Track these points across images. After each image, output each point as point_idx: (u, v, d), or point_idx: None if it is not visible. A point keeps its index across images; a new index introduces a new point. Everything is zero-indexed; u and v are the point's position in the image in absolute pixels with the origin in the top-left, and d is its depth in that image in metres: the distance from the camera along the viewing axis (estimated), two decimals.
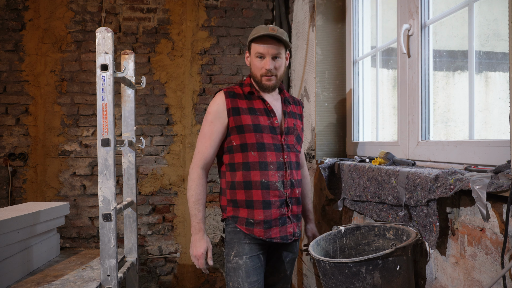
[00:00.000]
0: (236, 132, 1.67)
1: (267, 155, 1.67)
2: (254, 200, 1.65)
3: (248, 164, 1.66)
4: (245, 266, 1.64)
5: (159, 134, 3.22)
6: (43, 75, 3.08)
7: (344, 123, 2.46)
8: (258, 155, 1.66)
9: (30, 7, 3.06)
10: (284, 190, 1.69)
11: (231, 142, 1.69)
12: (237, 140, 1.67)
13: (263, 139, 1.67)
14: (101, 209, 1.56)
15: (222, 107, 1.69)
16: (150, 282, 3.21)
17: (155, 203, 3.22)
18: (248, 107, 1.70)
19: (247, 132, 1.66)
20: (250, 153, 1.66)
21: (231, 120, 1.67)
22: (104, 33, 1.56)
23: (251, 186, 1.65)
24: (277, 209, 1.66)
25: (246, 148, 1.66)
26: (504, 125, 1.63)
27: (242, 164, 1.66)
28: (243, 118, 1.67)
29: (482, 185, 1.00)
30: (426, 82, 1.61)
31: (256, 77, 1.73)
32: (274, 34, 1.64)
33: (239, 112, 1.68)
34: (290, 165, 1.72)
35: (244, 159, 1.66)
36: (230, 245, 1.69)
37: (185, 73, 3.24)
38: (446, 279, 1.26)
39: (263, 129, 1.68)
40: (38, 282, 1.66)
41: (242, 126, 1.66)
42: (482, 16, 1.60)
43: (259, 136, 1.67)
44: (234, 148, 1.68)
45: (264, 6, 3.33)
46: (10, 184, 3.03)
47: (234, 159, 1.69)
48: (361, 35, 2.31)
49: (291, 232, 1.72)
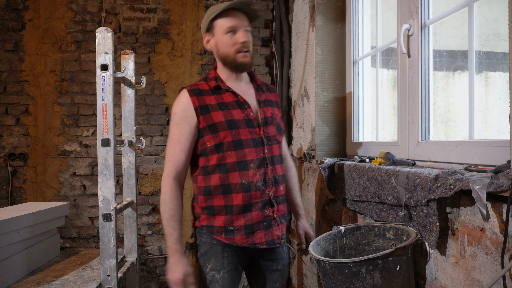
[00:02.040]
0: (210, 132, 1.47)
1: (246, 153, 1.48)
2: (234, 205, 1.47)
3: (225, 165, 1.47)
4: (222, 280, 1.49)
5: (159, 134, 3.22)
6: (43, 75, 3.08)
7: (344, 123, 2.46)
8: (236, 154, 1.47)
9: (30, 7, 3.06)
10: (267, 189, 1.49)
11: (205, 144, 1.49)
12: (211, 141, 1.48)
13: (240, 136, 1.47)
14: (101, 209, 1.56)
15: (188, 106, 1.48)
16: (150, 282, 3.21)
17: (155, 203, 3.22)
18: (217, 103, 1.50)
19: (221, 130, 1.46)
20: (227, 153, 1.47)
21: (201, 120, 1.47)
22: (104, 33, 1.56)
23: (230, 190, 1.47)
24: (259, 211, 1.48)
25: (222, 148, 1.47)
26: (504, 125, 1.63)
27: (218, 166, 1.48)
28: (214, 115, 1.47)
29: (482, 185, 1.00)
30: (426, 82, 1.61)
31: (228, 57, 1.52)
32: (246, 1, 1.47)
33: (209, 110, 1.48)
34: (272, 159, 1.53)
35: (220, 161, 1.48)
36: (206, 257, 1.51)
37: (185, 73, 3.24)
38: (446, 279, 1.26)
39: (239, 124, 1.48)
40: (38, 282, 1.66)
41: (215, 125, 1.47)
42: (482, 16, 1.60)
43: (235, 132, 1.47)
44: (208, 150, 1.49)
45: (264, 6, 3.33)
46: (10, 184, 3.03)
47: (209, 161, 1.49)
48: (361, 35, 2.31)
49: (279, 235, 1.53)
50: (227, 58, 1.53)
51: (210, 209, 1.50)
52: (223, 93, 1.53)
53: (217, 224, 1.49)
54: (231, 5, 1.47)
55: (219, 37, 1.52)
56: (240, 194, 1.47)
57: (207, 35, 1.57)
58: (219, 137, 1.47)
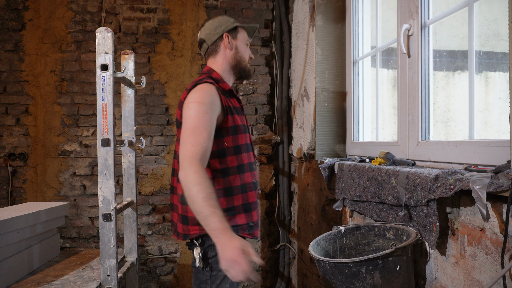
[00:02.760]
0: (231, 133, 1.50)
1: (251, 155, 1.61)
2: (250, 202, 1.55)
3: (243, 166, 1.53)
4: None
5: (159, 134, 3.22)
6: (43, 75, 3.08)
7: (344, 123, 2.46)
8: (248, 156, 1.57)
9: (30, 7, 3.06)
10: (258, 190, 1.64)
11: (223, 144, 1.48)
12: (230, 142, 1.49)
13: (247, 139, 1.59)
14: (101, 209, 1.56)
15: (217, 100, 1.46)
16: (150, 282, 3.21)
17: (155, 203, 3.22)
18: (233, 106, 1.56)
19: (240, 133, 1.53)
20: (243, 154, 1.54)
21: (229, 119, 1.49)
22: (104, 33, 1.56)
23: (246, 189, 1.54)
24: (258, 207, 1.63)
25: (239, 150, 1.52)
26: (504, 125, 1.63)
27: (237, 167, 1.51)
28: (236, 118, 1.53)
29: (482, 185, 1.00)
30: (426, 82, 1.61)
31: (243, 62, 1.66)
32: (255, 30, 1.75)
33: (233, 112, 1.52)
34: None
35: (239, 162, 1.52)
36: None
37: (185, 73, 3.24)
38: (446, 279, 1.26)
39: (245, 129, 1.59)
40: (38, 282, 1.66)
41: (236, 127, 1.52)
42: (482, 16, 1.60)
43: (246, 136, 1.58)
44: (227, 151, 1.49)
45: (264, 6, 3.33)
46: (10, 184, 3.03)
47: (228, 163, 1.50)
48: (361, 35, 2.31)
49: None
50: (242, 62, 1.66)
51: (231, 210, 1.49)
52: (231, 97, 1.60)
53: (240, 222, 1.51)
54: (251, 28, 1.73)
55: (240, 43, 1.66)
56: (253, 192, 1.57)
57: (229, 35, 1.64)
58: (237, 139, 1.52)
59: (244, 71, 1.67)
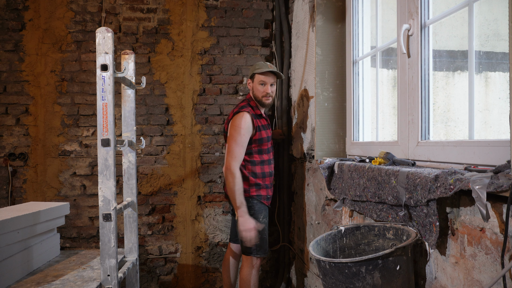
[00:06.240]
0: (257, 142, 2.42)
1: (270, 154, 2.53)
2: (268, 184, 2.48)
3: (263, 161, 2.47)
4: (266, 222, 2.47)
5: (159, 134, 3.22)
6: (43, 75, 3.08)
7: (344, 123, 2.47)
8: (268, 155, 2.49)
9: (30, 7, 3.06)
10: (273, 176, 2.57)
11: (251, 147, 2.42)
12: (256, 147, 2.43)
13: (268, 145, 2.50)
14: (101, 209, 1.56)
15: (250, 124, 2.37)
16: (150, 282, 3.21)
17: (155, 203, 3.22)
18: (261, 124, 2.46)
19: (264, 142, 2.45)
20: (264, 155, 2.47)
21: (257, 134, 2.41)
22: (104, 33, 1.56)
23: (265, 175, 2.47)
24: (272, 187, 2.55)
25: (261, 152, 2.46)
26: (504, 125, 1.63)
27: (260, 161, 2.45)
28: (262, 132, 2.43)
29: (482, 185, 1.00)
30: (426, 82, 1.61)
31: (257, 97, 2.48)
32: (273, 70, 2.45)
33: (260, 129, 2.43)
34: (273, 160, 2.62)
35: (261, 158, 2.46)
36: (260, 212, 2.43)
37: (185, 73, 3.24)
38: (446, 279, 1.26)
39: (268, 139, 2.49)
40: (38, 282, 1.66)
41: (262, 139, 2.43)
42: (482, 16, 1.60)
43: (268, 143, 2.50)
44: (253, 151, 2.44)
45: (264, 6, 3.33)
46: (10, 184, 3.03)
47: (253, 158, 2.44)
48: (361, 35, 2.31)
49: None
50: (256, 98, 2.49)
51: (257, 185, 2.44)
52: (261, 118, 2.49)
53: (263, 194, 2.46)
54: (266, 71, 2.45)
55: (255, 84, 2.49)
56: (267, 178, 2.49)
57: (249, 80, 2.53)
58: (261, 145, 2.45)
59: (260, 103, 2.49)
